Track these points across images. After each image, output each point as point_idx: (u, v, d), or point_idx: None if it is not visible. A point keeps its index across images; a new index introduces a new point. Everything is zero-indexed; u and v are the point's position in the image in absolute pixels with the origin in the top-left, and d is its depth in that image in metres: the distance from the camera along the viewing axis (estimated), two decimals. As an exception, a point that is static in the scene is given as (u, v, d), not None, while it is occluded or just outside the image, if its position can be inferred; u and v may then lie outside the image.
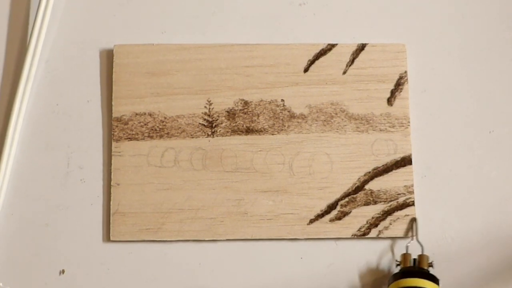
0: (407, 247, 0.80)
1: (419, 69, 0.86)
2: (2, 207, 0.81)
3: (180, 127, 0.84)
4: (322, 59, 0.86)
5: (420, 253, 0.79)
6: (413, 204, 0.82)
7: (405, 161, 0.83)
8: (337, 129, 0.84)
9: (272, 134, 0.84)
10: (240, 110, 0.84)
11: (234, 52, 0.86)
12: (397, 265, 0.79)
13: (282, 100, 0.85)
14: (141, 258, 0.81)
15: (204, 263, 0.81)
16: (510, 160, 0.84)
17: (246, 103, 0.84)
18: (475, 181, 0.84)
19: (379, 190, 0.83)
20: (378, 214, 0.82)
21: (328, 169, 0.83)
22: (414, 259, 0.79)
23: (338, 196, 0.82)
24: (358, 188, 0.83)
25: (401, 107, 0.85)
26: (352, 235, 0.82)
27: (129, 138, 0.83)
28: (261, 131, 0.84)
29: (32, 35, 0.85)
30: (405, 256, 0.79)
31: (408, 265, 0.78)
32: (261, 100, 0.85)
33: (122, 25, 0.87)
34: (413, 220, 0.81)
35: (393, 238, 0.82)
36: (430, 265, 0.79)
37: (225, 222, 0.82)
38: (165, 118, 0.84)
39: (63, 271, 0.81)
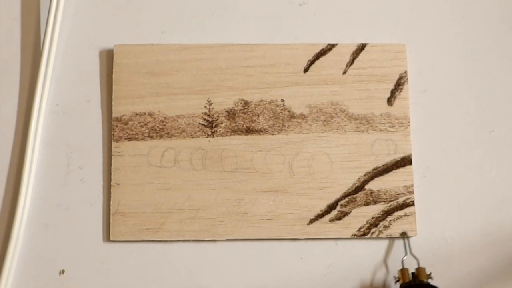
0: (402, 262, 0.79)
1: (419, 69, 0.86)
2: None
3: (180, 127, 0.84)
4: (322, 59, 0.86)
5: (416, 266, 0.79)
6: (413, 204, 0.82)
7: (405, 161, 0.83)
8: (337, 129, 0.84)
9: (272, 134, 0.84)
10: (240, 110, 0.84)
11: (234, 52, 0.86)
12: (396, 281, 0.79)
13: (282, 100, 0.85)
14: (141, 258, 0.81)
15: (204, 263, 0.81)
16: (510, 160, 0.84)
17: (246, 103, 0.84)
18: (475, 181, 0.84)
19: (379, 190, 0.83)
20: (378, 214, 0.82)
21: (328, 169, 0.83)
22: (413, 273, 0.78)
23: (338, 196, 0.82)
24: (358, 188, 0.83)
25: (401, 107, 0.85)
26: (352, 235, 0.82)
27: (129, 138, 0.83)
28: (261, 131, 0.84)
29: (46, 38, 0.85)
30: (403, 271, 0.78)
31: (408, 280, 0.78)
32: (261, 100, 0.85)
33: (122, 25, 0.87)
34: (404, 234, 0.81)
35: (393, 238, 0.82)
36: (429, 277, 0.78)
37: (225, 222, 0.82)
38: (165, 118, 0.84)
39: (63, 271, 0.81)
